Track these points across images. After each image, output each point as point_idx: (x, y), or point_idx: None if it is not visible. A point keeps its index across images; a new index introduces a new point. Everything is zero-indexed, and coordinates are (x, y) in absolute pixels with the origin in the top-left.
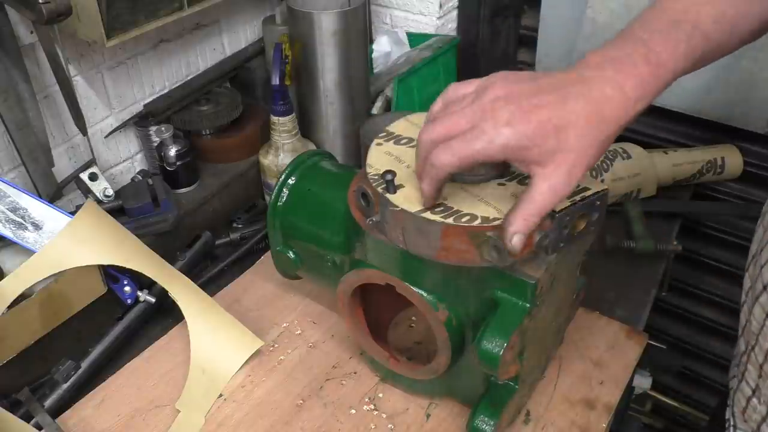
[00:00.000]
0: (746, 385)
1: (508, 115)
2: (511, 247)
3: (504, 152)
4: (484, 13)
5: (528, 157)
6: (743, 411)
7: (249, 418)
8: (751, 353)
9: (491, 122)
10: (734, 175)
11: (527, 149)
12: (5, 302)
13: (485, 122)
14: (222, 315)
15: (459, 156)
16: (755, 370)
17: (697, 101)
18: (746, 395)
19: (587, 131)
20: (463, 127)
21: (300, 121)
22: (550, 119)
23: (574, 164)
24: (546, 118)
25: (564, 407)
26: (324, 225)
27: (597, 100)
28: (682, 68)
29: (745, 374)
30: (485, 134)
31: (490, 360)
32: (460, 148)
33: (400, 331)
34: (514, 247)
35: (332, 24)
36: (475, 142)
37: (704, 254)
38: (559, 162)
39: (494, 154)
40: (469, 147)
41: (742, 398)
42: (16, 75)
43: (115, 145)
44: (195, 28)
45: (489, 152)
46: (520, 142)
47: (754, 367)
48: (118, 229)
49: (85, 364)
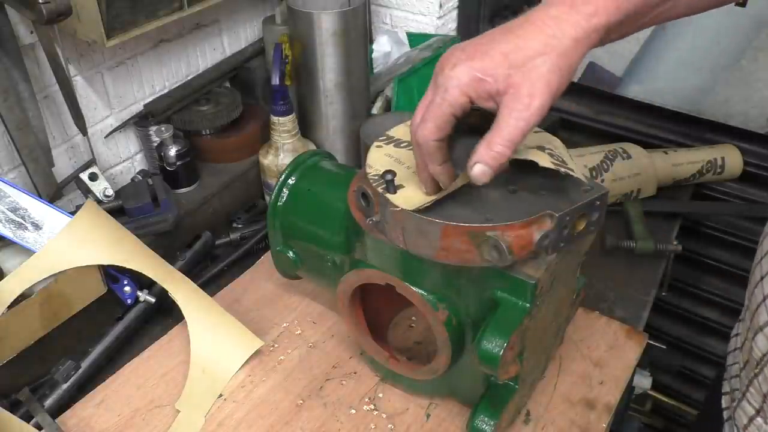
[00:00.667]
0: (748, 404)
1: (455, 59)
2: (472, 177)
3: (464, 93)
4: (484, 13)
5: (486, 89)
6: (745, 428)
7: (249, 418)
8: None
9: (442, 75)
10: (734, 175)
11: (482, 81)
12: (5, 302)
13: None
14: (222, 315)
15: (435, 121)
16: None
17: (697, 101)
18: (749, 414)
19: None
20: (429, 98)
21: (300, 121)
22: (498, 49)
23: (533, 88)
24: (494, 50)
25: (564, 407)
26: (324, 225)
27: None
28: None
29: (747, 395)
30: (440, 87)
31: (490, 360)
32: (431, 112)
33: (400, 331)
34: (475, 176)
35: (332, 24)
36: (437, 98)
37: (704, 254)
38: (517, 85)
39: (456, 99)
40: (436, 107)
41: (744, 416)
42: (16, 75)
43: (115, 145)
44: (195, 28)
45: (451, 100)
46: (472, 75)
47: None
48: (118, 229)
49: (85, 364)
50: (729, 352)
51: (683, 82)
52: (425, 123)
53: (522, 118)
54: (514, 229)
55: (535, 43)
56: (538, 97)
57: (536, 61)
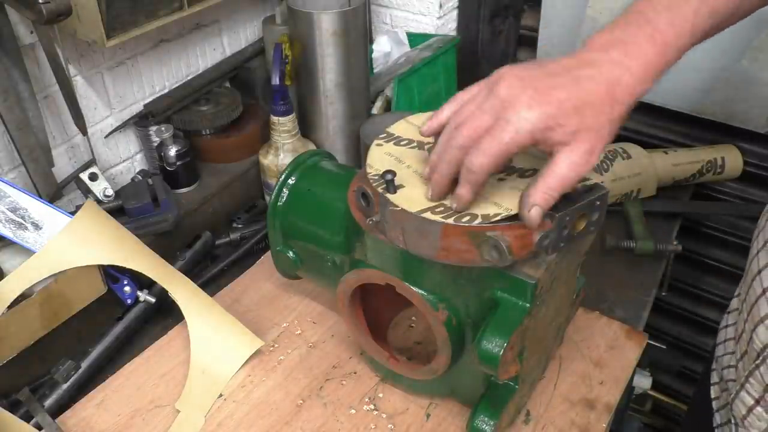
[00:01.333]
0: (747, 395)
1: (528, 99)
2: (528, 218)
3: (532, 137)
4: (484, 13)
5: (552, 138)
6: (744, 418)
7: (249, 418)
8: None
9: (512, 110)
10: (734, 175)
11: (552, 130)
12: (5, 302)
13: (507, 111)
14: (222, 315)
15: (492, 155)
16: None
17: (697, 101)
18: (748, 404)
19: (602, 110)
20: (486, 123)
21: (300, 121)
22: (568, 98)
23: (593, 143)
24: (564, 98)
25: (564, 407)
26: (324, 225)
27: (607, 82)
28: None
29: (746, 385)
30: (510, 124)
31: (490, 360)
32: (491, 147)
33: (400, 331)
34: (532, 219)
35: (332, 24)
36: (503, 135)
37: (704, 254)
38: (580, 140)
39: (523, 141)
40: (499, 143)
41: (743, 406)
42: (16, 75)
43: (115, 145)
44: (195, 28)
45: (518, 141)
46: (545, 123)
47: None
48: (118, 229)
49: (85, 364)
50: (718, 343)
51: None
52: (484, 155)
53: (578, 171)
54: (514, 229)
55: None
56: (596, 155)
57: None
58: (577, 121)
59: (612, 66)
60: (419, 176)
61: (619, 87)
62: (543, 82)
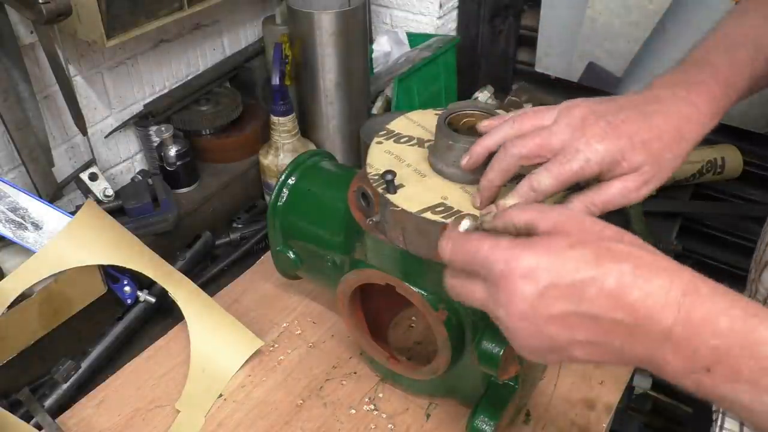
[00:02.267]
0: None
1: (600, 131)
2: None
3: (600, 168)
4: (484, 13)
5: (618, 170)
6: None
7: (249, 418)
8: None
9: (584, 140)
10: (734, 175)
11: (618, 164)
12: (5, 302)
13: (578, 141)
14: (222, 315)
15: (560, 179)
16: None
17: None
18: None
19: (670, 146)
20: (554, 145)
21: (300, 121)
22: (637, 133)
23: (652, 175)
24: (634, 132)
25: (564, 407)
26: (324, 225)
27: (676, 117)
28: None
29: None
30: (580, 153)
31: (490, 360)
32: (560, 171)
33: (400, 331)
34: None
35: (332, 24)
36: (572, 163)
37: (704, 254)
38: (642, 173)
39: (591, 172)
40: (567, 168)
41: None
42: (16, 75)
43: (115, 145)
44: (195, 28)
45: (586, 171)
46: (613, 157)
47: None
48: (118, 229)
49: (85, 364)
50: None
51: None
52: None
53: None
54: None
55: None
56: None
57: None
58: (643, 156)
59: (679, 102)
60: (419, 175)
61: (688, 124)
62: (615, 116)
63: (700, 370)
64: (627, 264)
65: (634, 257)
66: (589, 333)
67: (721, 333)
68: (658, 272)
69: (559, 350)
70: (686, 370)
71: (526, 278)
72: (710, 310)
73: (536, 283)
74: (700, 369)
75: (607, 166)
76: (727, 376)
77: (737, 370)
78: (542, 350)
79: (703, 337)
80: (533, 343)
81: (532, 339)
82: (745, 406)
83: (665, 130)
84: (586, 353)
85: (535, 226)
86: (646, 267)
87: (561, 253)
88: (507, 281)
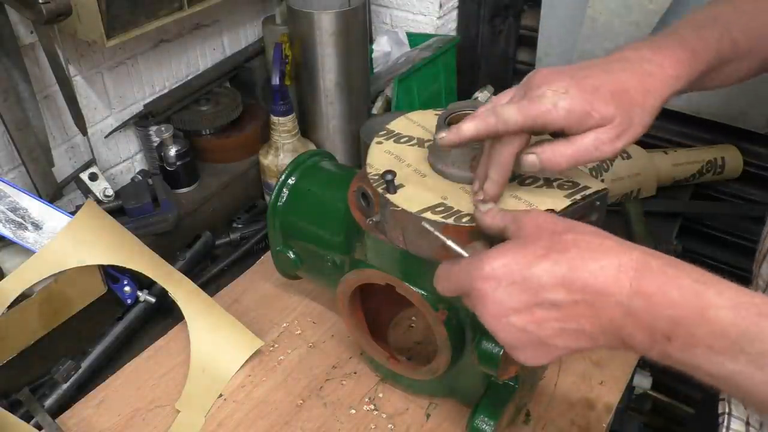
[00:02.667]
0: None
1: (566, 83)
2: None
3: (567, 117)
4: (484, 13)
5: (590, 123)
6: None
7: (249, 418)
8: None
9: (550, 90)
10: (734, 175)
11: (588, 115)
12: (5, 302)
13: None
14: (222, 315)
15: (525, 114)
16: None
17: (697, 101)
18: None
19: (635, 99)
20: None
21: (300, 121)
22: (603, 85)
23: (625, 129)
24: (599, 84)
25: (564, 407)
26: (324, 225)
27: (639, 73)
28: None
29: None
30: (547, 98)
31: (490, 360)
32: (528, 108)
33: (400, 331)
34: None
35: (332, 24)
36: (540, 103)
37: (704, 254)
38: (614, 125)
39: (557, 118)
40: (535, 107)
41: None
42: (16, 75)
43: (115, 145)
44: (195, 28)
45: (553, 115)
46: (582, 107)
47: None
48: (118, 229)
49: (85, 364)
50: None
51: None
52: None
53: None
54: None
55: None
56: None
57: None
58: (614, 108)
59: (643, 61)
60: (419, 175)
61: (651, 78)
62: (578, 72)
63: (661, 341)
64: (575, 249)
65: (583, 243)
66: (557, 321)
67: (673, 303)
68: (605, 252)
69: (540, 344)
70: (650, 341)
71: (488, 280)
72: (662, 282)
73: (497, 283)
74: (661, 339)
75: (577, 117)
76: (685, 343)
77: (693, 336)
78: (526, 347)
79: (659, 308)
80: (514, 341)
81: (510, 337)
82: (705, 370)
83: (631, 85)
84: (564, 342)
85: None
86: (594, 250)
87: (516, 253)
88: (474, 288)
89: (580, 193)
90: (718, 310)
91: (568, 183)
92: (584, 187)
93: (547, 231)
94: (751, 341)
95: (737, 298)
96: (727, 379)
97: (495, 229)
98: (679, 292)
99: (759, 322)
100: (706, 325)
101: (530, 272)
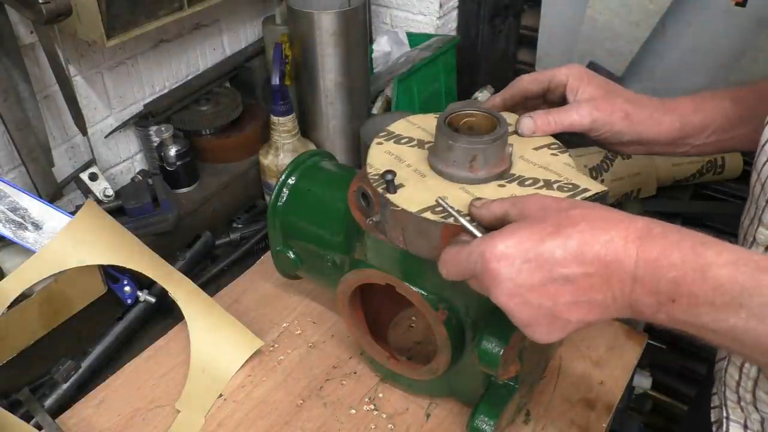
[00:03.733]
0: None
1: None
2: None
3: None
4: (484, 13)
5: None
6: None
7: (249, 418)
8: None
9: None
10: (734, 174)
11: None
12: (5, 302)
13: None
14: (222, 315)
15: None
16: None
17: None
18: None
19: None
20: None
21: (300, 121)
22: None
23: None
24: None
25: (564, 407)
26: (324, 225)
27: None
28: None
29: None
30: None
31: (490, 360)
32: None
33: (400, 331)
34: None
35: (332, 24)
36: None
37: None
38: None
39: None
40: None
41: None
42: (16, 75)
43: (115, 145)
44: (195, 28)
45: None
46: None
47: None
48: (118, 229)
49: (85, 364)
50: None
51: (683, 82)
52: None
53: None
54: None
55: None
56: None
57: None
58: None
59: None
60: (419, 175)
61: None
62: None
63: (667, 303)
64: (584, 223)
65: (590, 217)
66: (571, 294)
67: (675, 265)
68: (614, 223)
69: (554, 319)
70: (657, 305)
71: (502, 260)
72: (664, 247)
73: (511, 263)
74: (666, 301)
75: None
76: (689, 303)
77: (695, 295)
78: (541, 323)
79: (662, 271)
80: (529, 319)
81: (525, 315)
82: (710, 328)
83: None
84: (577, 315)
85: (509, 216)
86: (602, 222)
87: (527, 231)
88: (488, 269)
89: (580, 195)
90: (719, 268)
91: (568, 185)
92: (584, 189)
93: (553, 209)
94: (751, 295)
95: (736, 255)
96: (731, 335)
97: (493, 218)
98: (680, 254)
99: (757, 276)
100: (707, 284)
101: (544, 248)
